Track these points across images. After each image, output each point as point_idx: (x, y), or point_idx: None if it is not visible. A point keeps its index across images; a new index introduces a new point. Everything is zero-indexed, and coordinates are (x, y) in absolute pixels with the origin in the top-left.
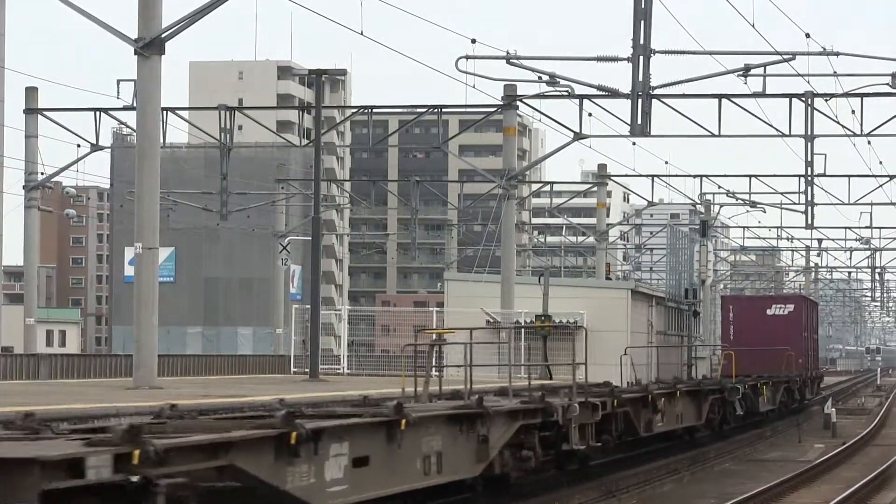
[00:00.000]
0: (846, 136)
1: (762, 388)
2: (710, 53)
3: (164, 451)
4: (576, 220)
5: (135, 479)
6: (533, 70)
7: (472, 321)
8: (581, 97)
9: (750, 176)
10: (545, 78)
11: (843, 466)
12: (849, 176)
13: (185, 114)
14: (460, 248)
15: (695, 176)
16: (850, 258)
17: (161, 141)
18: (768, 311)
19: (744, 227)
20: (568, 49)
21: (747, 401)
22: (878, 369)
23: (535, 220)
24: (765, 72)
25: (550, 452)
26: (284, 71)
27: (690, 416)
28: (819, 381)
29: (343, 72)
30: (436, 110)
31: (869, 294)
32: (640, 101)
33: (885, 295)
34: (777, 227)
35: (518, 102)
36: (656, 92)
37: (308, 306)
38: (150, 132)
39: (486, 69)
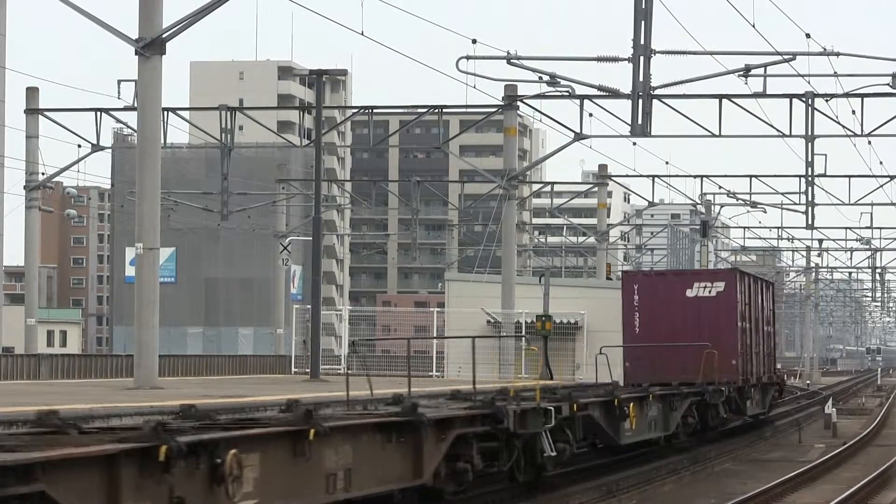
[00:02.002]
0: (846, 136)
1: (636, 406)
2: (711, 53)
3: None
4: (576, 221)
5: None
6: (533, 70)
7: (472, 321)
8: (581, 97)
9: (750, 176)
10: (546, 78)
11: (844, 466)
12: (849, 176)
13: (185, 114)
14: (461, 249)
15: (695, 176)
16: (851, 258)
17: (162, 141)
18: (689, 293)
19: (744, 228)
20: (568, 49)
21: (614, 423)
22: (879, 369)
23: (535, 221)
24: (765, 72)
25: (495, 464)
26: (285, 71)
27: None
28: (777, 389)
29: (344, 72)
30: (436, 110)
31: (869, 294)
32: (640, 101)
33: (885, 295)
34: (778, 228)
35: (518, 103)
36: (657, 92)
37: (309, 306)
38: (150, 132)
39: (487, 69)
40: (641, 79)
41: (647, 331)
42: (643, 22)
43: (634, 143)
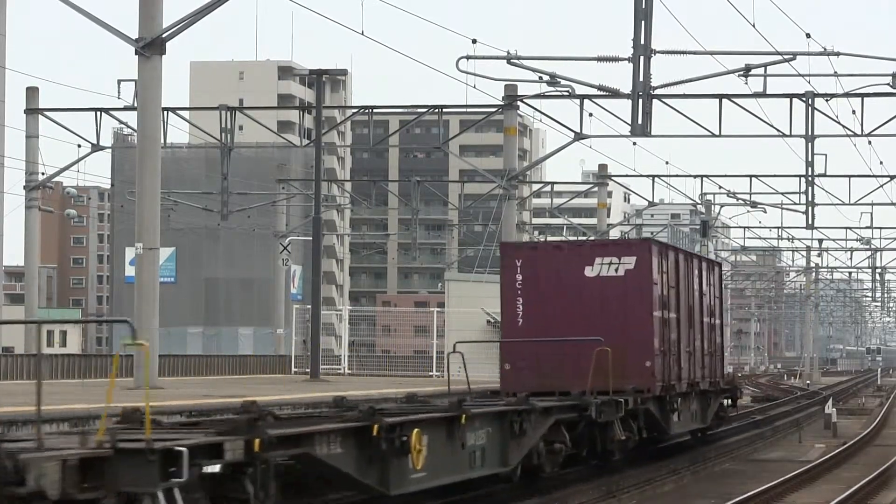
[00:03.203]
0: (847, 136)
1: (424, 434)
2: (711, 53)
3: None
4: (576, 221)
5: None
6: (533, 70)
7: (472, 321)
8: (581, 97)
9: (750, 176)
10: (546, 78)
11: (844, 466)
12: (849, 176)
13: (185, 114)
14: (461, 249)
15: (695, 176)
16: (851, 258)
17: (162, 141)
18: (588, 271)
19: (744, 228)
20: (568, 49)
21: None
22: (879, 369)
23: (535, 221)
24: (765, 72)
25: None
26: (285, 71)
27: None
28: (728, 397)
29: (344, 72)
30: (436, 110)
31: (869, 294)
32: (640, 101)
33: (885, 295)
34: (778, 228)
35: (518, 102)
36: (657, 92)
37: (309, 306)
38: (150, 132)
39: (487, 69)
40: (641, 79)
41: (533, 322)
42: (643, 22)
43: (634, 143)
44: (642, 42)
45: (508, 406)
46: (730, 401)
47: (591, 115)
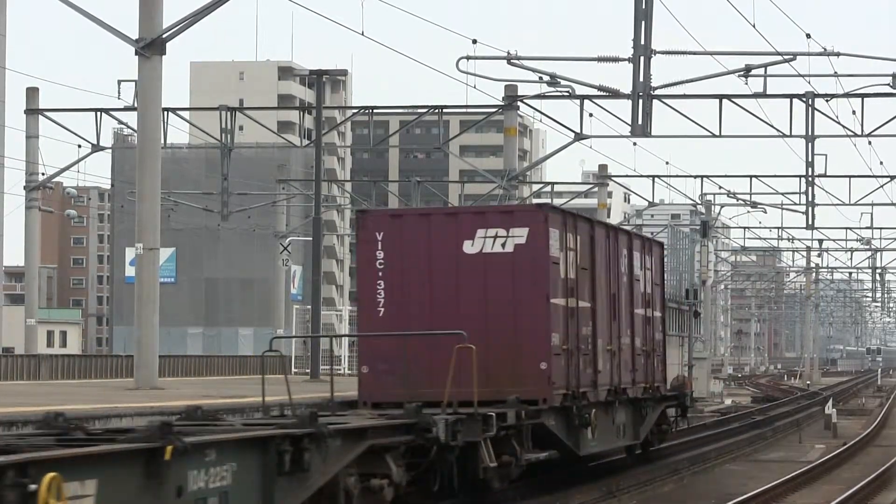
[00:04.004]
0: (847, 136)
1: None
2: (711, 54)
3: None
4: None
5: None
6: (533, 70)
7: None
8: (582, 97)
9: (751, 176)
10: (546, 78)
11: (844, 467)
12: (849, 176)
13: (185, 114)
14: None
15: (695, 176)
16: (851, 259)
17: (162, 141)
18: (468, 246)
19: (744, 228)
20: (568, 49)
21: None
22: (879, 370)
23: None
24: (765, 72)
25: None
26: (285, 71)
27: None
28: (675, 405)
29: (344, 72)
30: (436, 111)
31: (869, 295)
32: (640, 101)
33: (885, 295)
34: (778, 228)
35: (519, 103)
36: (657, 92)
37: (309, 307)
38: (150, 132)
39: (487, 69)
40: (641, 79)
41: (398, 313)
42: (643, 22)
43: (634, 144)
44: (642, 42)
45: (278, 429)
46: (679, 410)
47: (591, 115)
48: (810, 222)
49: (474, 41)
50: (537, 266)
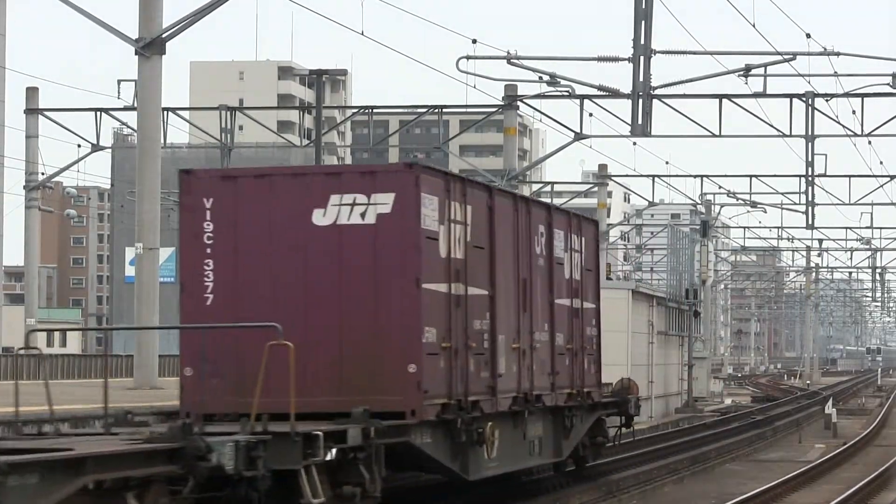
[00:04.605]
0: (847, 136)
1: None
2: (711, 53)
3: None
4: None
5: None
6: (533, 70)
7: None
8: (582, 97)
9: (750, 176)
10: (546, 78)
11: (844, 467)
12: (849, 176)
13: (185, 114)
14: None
15: (695, 176)
16: (851, 258)
17: (162, 141)
18: (318, 216)
19: (744, 228)
20: (568, 49)
21: None
22: (879, 369)
23: None
24: (765, 72)
25: None
26: (285, 71)
27: None
28: (618, 413)
29: (343, 72)
30: (436, 110)
31: (869, 294)
32: (640, 101)
33: (885, 295)
34: (778, 228)
35: (519, 103)
36: (657, 92)
37: None
38: (150, 132)
39: (487, 69)
40: (641, 79)
41: (232, 300)
42: (643, 22)
43: (634, 143)
44: (642, 42)
45: None
46: (624, 420)
47: (591, 115)
48: (810, 222)
49: (474, 41)
50: (406, 242)
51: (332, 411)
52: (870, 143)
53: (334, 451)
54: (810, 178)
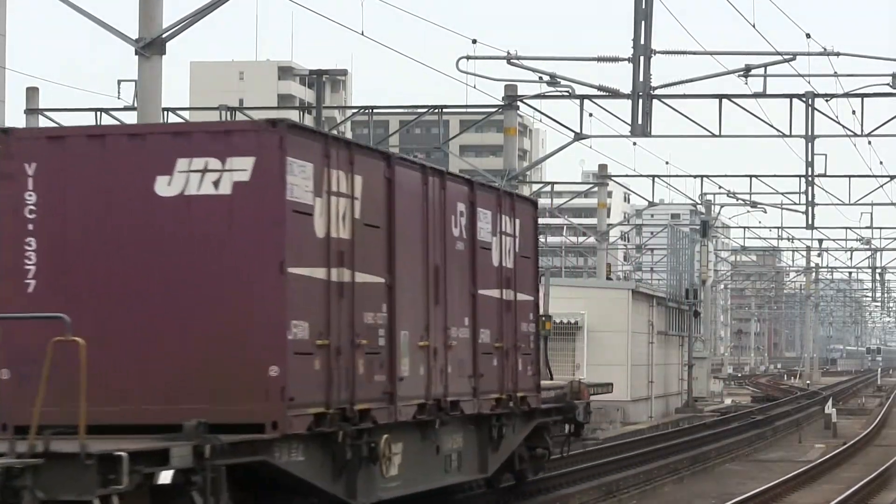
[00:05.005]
0: (847, 136)
1: None
2: (711, 54)
3: None
4: (576, 221)
5: None
6: (533, 70)
7: None
8: (582, 97)
9: (750, 176)
10: (546, 78)
11: (844, 466)
12: (849, 176)
13: (185, 114)
14: None
15: (695, 176)
16: (851, 258)
17: None
18: (162, 185)
19: (744, 228)
20: (568, 49)
21: None
22: (879, 369)
23: None
24: (765, 72)
25: None
26: (285, 71)
27: None
28: (564, 421)
29: (344, 72)
30: (436, 110)
31: (869, 294)
32: (640, 101)
33: (885, 295)
34: (778, 228)
35: (519, 103)
36: (657, 92)
37: None
38: None
39: (487, 69)
40: (641, 79)
41: (57, 287)
42: (643, 22)
43: (634, 143)
44: (642, 42)
45: None
46: (571, 430)
47: (591, 115)
48: (810, 222)
49: (474, 41)
50: (267, 216)
51: (175, 423)
52: (870, 143)
53: (165, 474)
54: (810, 178)
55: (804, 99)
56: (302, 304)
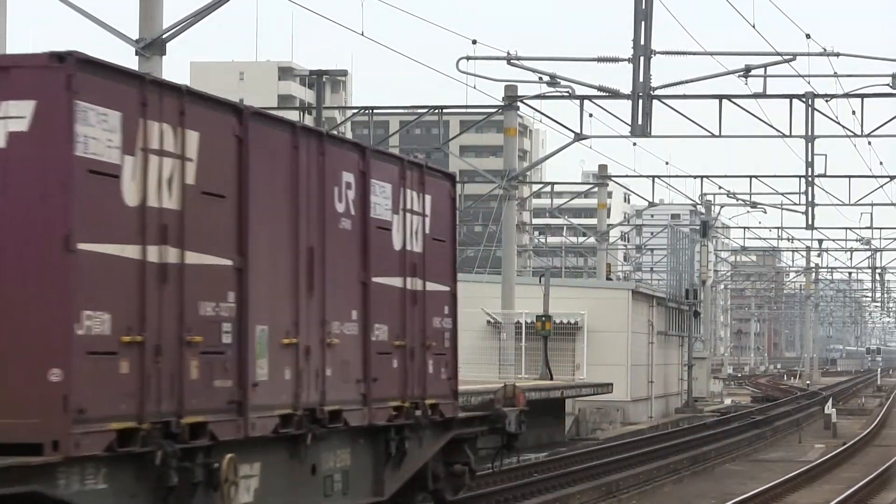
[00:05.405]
0: (846, 136)
1: None
2: (711, 54)
3: None
4: (576, 221)
5: None
6: (533, 71)
7: (472, 321)
8: (582, 98)
9: (750, 176)
10: (546, 78)
11: (844, 467)
12: (849, 176)
13: None
14: (461, 249)
15: (695, 176)
16: (851, 259)
17: None
18: None
19: (744, 228)
20: (568, 49)
21: None
22: (879, 370)
23: (535, 221)
24: (765, 72)
25: None
26: (285, 71)
27: None
28: (492, 429)
29: (344, 72)
30: (436, 111)
31: (869, 295)
32: (640, 101)
33: (885, 295)
34: (778, 228)
35: (519, 103)
36: (657, 92)
37: None
38: None
39: (487, 70)
40: (641, 79)
41: None
42: (643, 22)
43: (634, 144)
44: (642, 42)
45: None
46: (503, 442)
47: (591, 115)
48: (810, 222)
49: (474, 41)
50: (48, 177)
51: None
52: (870, 143)
53: None
54: (810, 179)
55: (804, 99)
56: (100, 290)
